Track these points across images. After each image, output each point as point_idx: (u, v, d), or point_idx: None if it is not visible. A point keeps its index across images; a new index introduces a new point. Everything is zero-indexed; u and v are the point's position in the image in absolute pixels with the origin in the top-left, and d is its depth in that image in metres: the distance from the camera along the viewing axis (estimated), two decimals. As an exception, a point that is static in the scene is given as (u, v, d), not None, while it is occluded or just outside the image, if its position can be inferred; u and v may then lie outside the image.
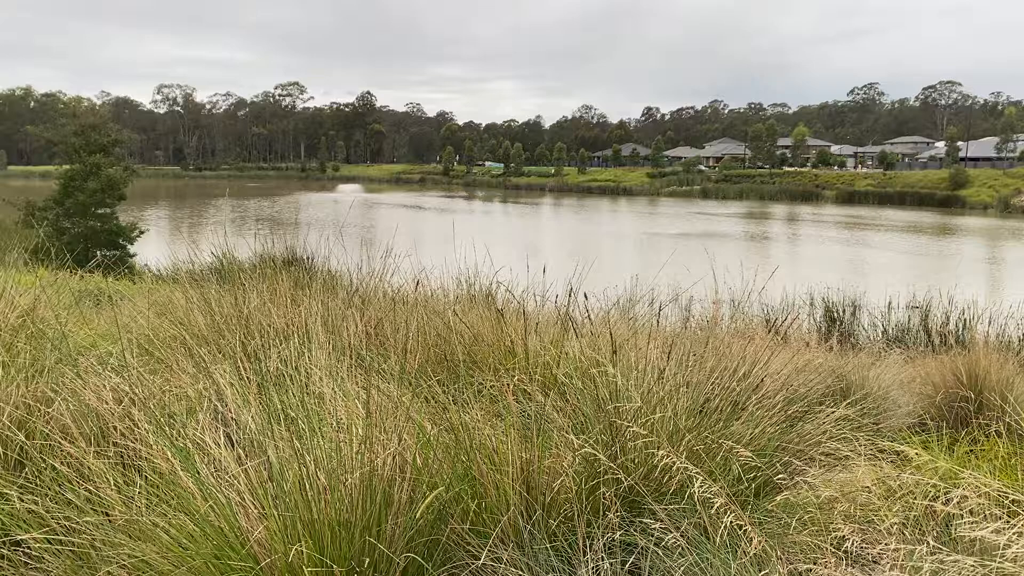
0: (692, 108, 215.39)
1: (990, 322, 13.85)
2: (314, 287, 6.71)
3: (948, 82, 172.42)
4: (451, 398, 4.27)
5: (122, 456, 3.86)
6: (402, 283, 7.93)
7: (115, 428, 4.04)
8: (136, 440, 3.86)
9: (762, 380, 4.69)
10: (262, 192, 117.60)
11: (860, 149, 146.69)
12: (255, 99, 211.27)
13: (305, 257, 11.21)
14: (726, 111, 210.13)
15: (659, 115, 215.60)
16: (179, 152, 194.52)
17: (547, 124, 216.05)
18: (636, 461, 3.84)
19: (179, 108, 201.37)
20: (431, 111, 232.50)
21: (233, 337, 5.37)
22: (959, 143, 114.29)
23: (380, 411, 3.78)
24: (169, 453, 3.54)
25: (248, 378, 4.33)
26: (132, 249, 31.56)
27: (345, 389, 4.16)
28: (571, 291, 6.42)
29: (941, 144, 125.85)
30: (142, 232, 33.24)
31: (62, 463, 3.63)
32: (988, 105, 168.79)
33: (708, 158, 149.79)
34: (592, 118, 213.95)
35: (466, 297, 7.90)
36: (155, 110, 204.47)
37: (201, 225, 63.84)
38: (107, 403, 4.19)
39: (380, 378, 4.54)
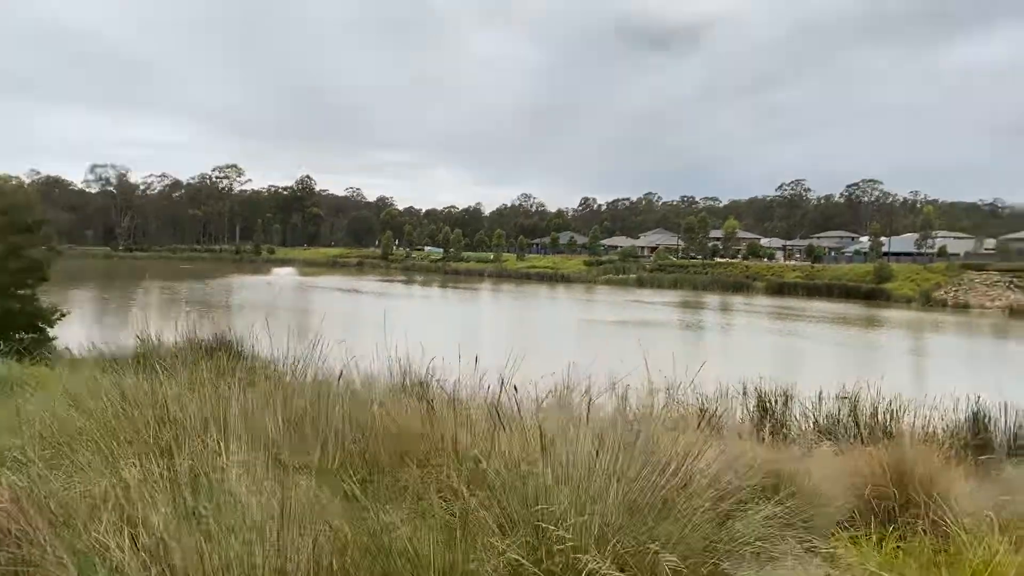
0: (628, 199, 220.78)
1: (915, 414, 14.14)
2: (236, 375, 6.49)
3: (870, 180, 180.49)
4: (373, 496, 4.11)
5: (14, 561, 3.60)
6: (330, 370, 7.73)
7: (9, 530, 3.76)
8: (31, 543, 3.61)
9: (691, 477, 4.64)
10: (195, 274, 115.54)
11: (788, 242, 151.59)
12: (191, 180, 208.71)
13: (232, 342, 10.95)
14: (660, 203, 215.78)
15: (596, 205, 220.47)
16: (110, 232, 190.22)
17: (487, 211, 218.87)
18: (562, 566, 3.72)
19: (112, 188, 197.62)
20: (371, 196, 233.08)
21: (146, 430, 5.12)
22: (882, 238, 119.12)
23: (295, 510, 3.60)
24: (67, 558, 3.31)
25: (161, 474, 4.11)
26: (52, 332, 30.46)
27: (261, 487, 3.97)
28: (503, 383, 6.34)
29: (865, 239, 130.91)
30: (64, 314, 32.14)
31: (-56, 570, 3.36)
32: (908, 203, 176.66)
33: (643, 248, 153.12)
34: (531, 206, 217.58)
35: (397, 387, 7.74)
36: (87, 189, 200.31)
37: (127, 308, 62.15)
38: (2, 502, 3.92)
39: (299, 474, 4.36)
